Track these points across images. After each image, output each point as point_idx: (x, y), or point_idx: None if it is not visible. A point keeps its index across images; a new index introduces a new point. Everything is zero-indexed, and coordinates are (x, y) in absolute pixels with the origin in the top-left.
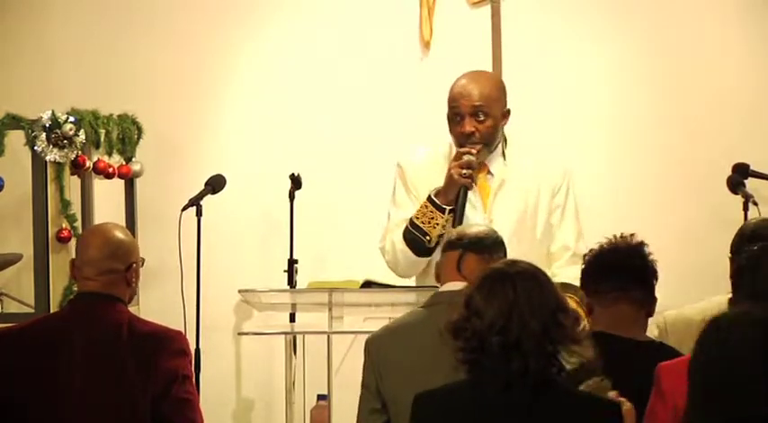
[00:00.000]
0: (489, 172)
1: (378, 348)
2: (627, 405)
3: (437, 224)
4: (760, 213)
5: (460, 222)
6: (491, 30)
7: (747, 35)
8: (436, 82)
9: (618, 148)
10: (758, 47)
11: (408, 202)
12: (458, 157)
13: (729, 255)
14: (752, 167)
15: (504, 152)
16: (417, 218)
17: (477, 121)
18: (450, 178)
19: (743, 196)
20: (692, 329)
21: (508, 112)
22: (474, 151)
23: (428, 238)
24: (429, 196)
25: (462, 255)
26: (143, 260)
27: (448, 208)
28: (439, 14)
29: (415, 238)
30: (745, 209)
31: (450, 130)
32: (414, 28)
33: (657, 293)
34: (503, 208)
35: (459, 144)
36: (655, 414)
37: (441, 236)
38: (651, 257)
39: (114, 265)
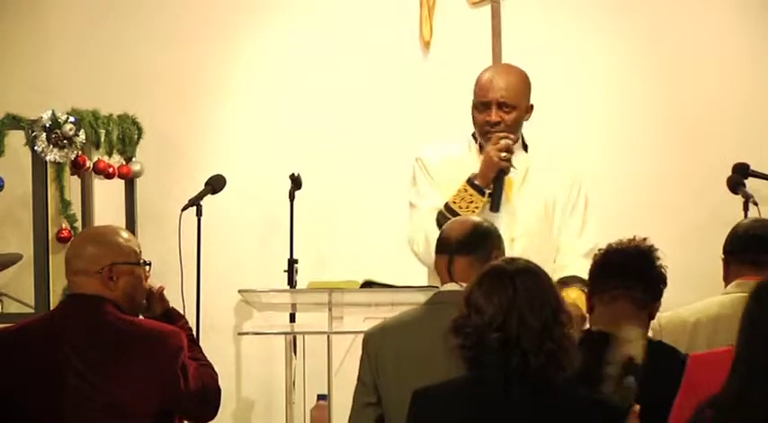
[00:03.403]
0: (512, 165)
1: (376, 344)
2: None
3: (476, 208)
4: (760, 213)
5: (498, 207)
6: (491, 30)
7: (747, 35)
8: (436, 82)
9: (618, 147)
10: (758, 47)
11: (433, 192)
12: (495, 141)
13: (722, 255)
14: (752, 167)
15: (524, 144)
16: (455, 203)
17: (503, 111)
18: (489, 161)
19: (743, 196)
20: (687, 330)
21: (531, 106)
22: (512, 135)
23: None
24: (468, 179)
25: (451, 260)
26: (149, 263)
27: (487, 191)
28: (439, 14)
29: None
30: (746, 209)
31: (474, 119)
32: (414, 28)
33: None
34: (526, 201)
35: (483, 133)
36: (681, 407)
37: None
38: (660, 262)
39: (83, 266)
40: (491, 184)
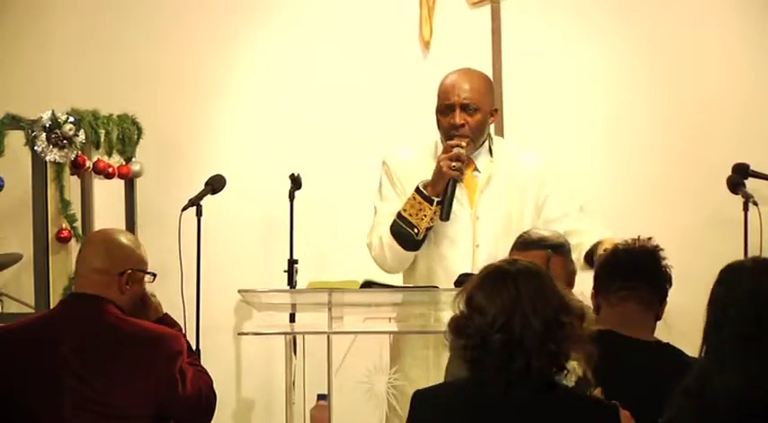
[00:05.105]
0: (476, 169)
1: None
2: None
3: (425, 216)
4: (760, 213)
5: (448, 215)
6: (491, 30)
7: (747, 35)
8: (436, 82)
9: (618, 148)
10: (758, 47)
11: (395, 197)
12: (447, 149)
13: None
14: (752, 167)
15: (490, 149)
16: (405, 211)
17: (467, 114)
18: (439, 170)
19: (743, 196)
20: None
21: (495, 110)
22: (464, 144)
23: (416, 230)
24: (417, 188)
25: (550, 256)
26: (155, 275)
27: (436, 199)
28: (439, 14)
29: (403, 232)
30: (745, 209)
31: (439, 123)
32: (414, 28)
33: None
34: (489, 205)
35: (448, 137)
36: None
37: (429, 229)
38: (665, 262)
39: (104, 266)
40: (442, 192)
